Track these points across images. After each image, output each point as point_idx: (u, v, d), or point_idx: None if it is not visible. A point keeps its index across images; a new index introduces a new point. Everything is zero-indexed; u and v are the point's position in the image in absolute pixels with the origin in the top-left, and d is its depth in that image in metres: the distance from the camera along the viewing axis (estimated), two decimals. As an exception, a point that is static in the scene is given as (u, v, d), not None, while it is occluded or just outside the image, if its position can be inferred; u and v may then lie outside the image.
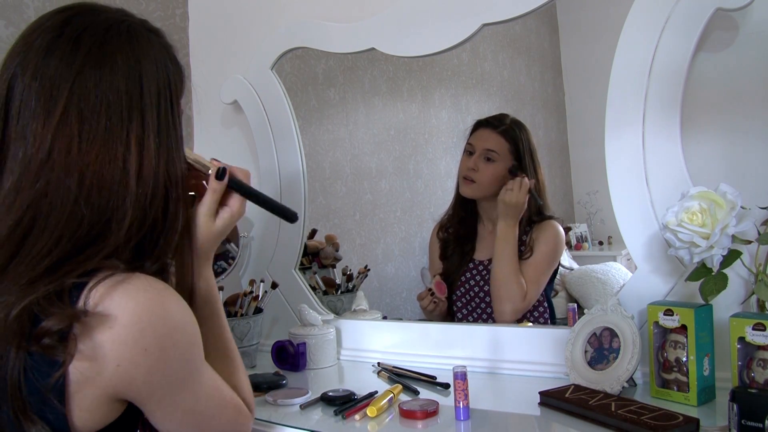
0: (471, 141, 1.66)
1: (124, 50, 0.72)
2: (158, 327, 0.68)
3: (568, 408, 1.03)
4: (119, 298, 0.66)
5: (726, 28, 1.13)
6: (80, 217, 0.68)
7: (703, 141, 1.16)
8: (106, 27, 0.72)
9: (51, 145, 0.67)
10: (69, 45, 0.70)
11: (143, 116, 0.72)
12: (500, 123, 1.65)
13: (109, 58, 0.71)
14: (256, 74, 1.65)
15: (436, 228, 1.76)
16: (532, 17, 1.30)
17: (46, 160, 0.67)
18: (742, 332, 0.97)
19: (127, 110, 0.70)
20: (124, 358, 0.66)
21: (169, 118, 0.75)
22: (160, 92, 0.74)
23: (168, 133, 0.75)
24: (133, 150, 0.70)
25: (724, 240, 1.00)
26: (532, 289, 1.55)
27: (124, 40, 0.73)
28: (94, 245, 0.69)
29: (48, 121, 0.67)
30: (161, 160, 0.73)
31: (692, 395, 1.03)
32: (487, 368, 1.31)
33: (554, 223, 1.62)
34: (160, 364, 0.68)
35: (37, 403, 0.65)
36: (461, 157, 1.68)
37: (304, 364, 1.42)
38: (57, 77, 0.68)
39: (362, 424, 1.06)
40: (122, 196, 0.70)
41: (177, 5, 1.83)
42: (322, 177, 1.85)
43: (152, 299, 0.68)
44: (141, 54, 0.73)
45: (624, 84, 1.17)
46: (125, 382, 0.67)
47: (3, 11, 1.44)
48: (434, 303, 1.60)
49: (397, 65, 2.03)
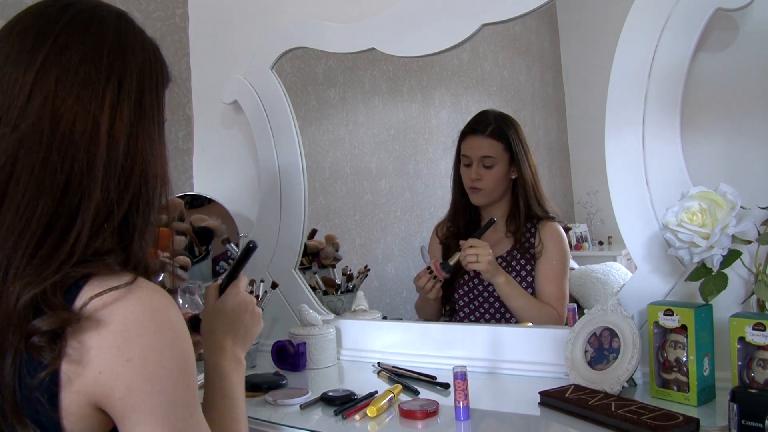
0: (465, 152, 1.65)
1: (111, 26, 0.74)
2: (145, 338, 0.65)
3: (568, 408, 1.03)
4: (116, 306, 0.66)
5: (726, 28, 1.13)
6: (54, 167, 0.68)
7: (703, 141, 1.16)
8: (97, 3, 0.76)
9: (30, 91, 0.68)
10: (59, 9, 0.73)
11: (121, 81, 0.72)
12: (486, 126, 1.63)
13: (96, 25, 0.73)
14: (256, 74, 1.65)
15: (437, 228, 1.76)
16: (532, 17, 1.31)
17: (24, 106, 0.68)
18: (742, 332, 0.97)
19: (106, 71, 0.71)
20: (107, 365, 0.64)
21: (152, 96, 0.76)
22: (144, 70, 0.75)
23: (149, 109, 0.75)
24: (106, 109, 0.71)
25: (724, 240, 1.00)
26: (558, 304, 1.55)
27: (113, 19, 0.75)
28: (74, 216, 0.69)
29: (29, 69, 0.69)
30: (139, 132, 0.73)
31: (692, 395, 1.03)
32: (487, 368, 1.31)
33: (557, 227, 1.62)
34: (141, 381, 0.65)
35: (30, 405, 0.65)
36: (460, 168, 1.66)
37: (304, 364, 1.42)
38: (43, 31, 0.71)
39: (362, 424, 1.06)
40: (93, 154, 0.70)
41: (177, 5, 1.83)
42: (322, 177, 1.85)
43: (146, 309, 0.67)
44: (128, 33, 0.75)
45: (624, 84, 1.17)
46: (104, 391, 0.65)
47: (3, 11, 1.44)
48: (432, 281, 1.57)
49: (397, 65, 2.03)
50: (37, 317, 0.64)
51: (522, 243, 1.61)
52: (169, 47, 1.77)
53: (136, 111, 0.74)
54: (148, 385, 0.66)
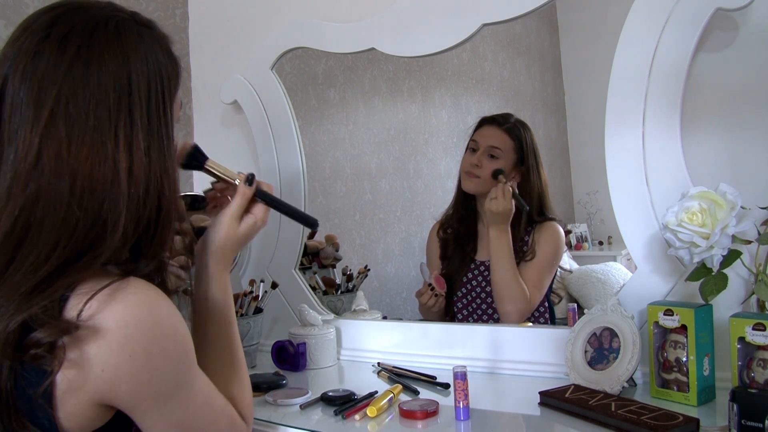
0: (475, 138, 1.66)
1: (111, 48, 0.71)
2: (145, 333, 0.67)
3: (568, 408, 1.03)
4: (111, 308, 0.66)
5: (726, 28, 1.13)
6: (74, 221, 0.67)
7: (703, 141, 1.16)
8: (94, 25, 0.71)
9: (39, 149, 0.66)
10: (56, 46, 0.69)
11: (131, 113, 0.70)
12: (505, 121, 1.65)
13: (97, 57, 0.70)
14: (256, 74, 1.65)
15: (436, 227, 1.76)
16: (532, 17, 1.30)
17: (35, 164, 0.66)
18: (742, 332, 0.97)
19: (115, 108, 0.69)
20: (109, 363, 0.65)
21: (160, 113, 0.74)
22: (150, 88, 0.73)
23: (159, 129, 0.73)
24: (122, 148, 0.69)
25: (724, 240, 1.00)
26: (534, 292, 1.55)
27: (112, 37, 0.72)
28: (91, 250, 0.68)
29: (36, 125, 0.67)
30: (153, 157, 0.72)
31: (692, 395, 1.03)
32: (487, 368, 1.31)
33: (555, 225, 1.62)
34: (146, 372, 0.67)
35: (27, 409, 0.65)
36: (464, 154, 1.68)
37: (304, 364, 1.42)
38: (45, 79, 0.68)
39: (362, 424, 1.06)
40: (115, 196, 0.69)
41: (177, 5, 1.84)
42: (322, 177, 1.85)
43: (141, 305, 0.67)
44: (130, 50, 0.72)
45: (624, 84, 1.17)
46: (109, 388, 0.66)
47: (3, 11, 1.44)
48: (435, 298, 1.60)
49: (397, 65, 2.03)
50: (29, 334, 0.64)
51: (518, 245, 1.61)
52: (169, 47, 1.77)
53: (150, 133, 0.72)
54: (154, 375, 0.68)
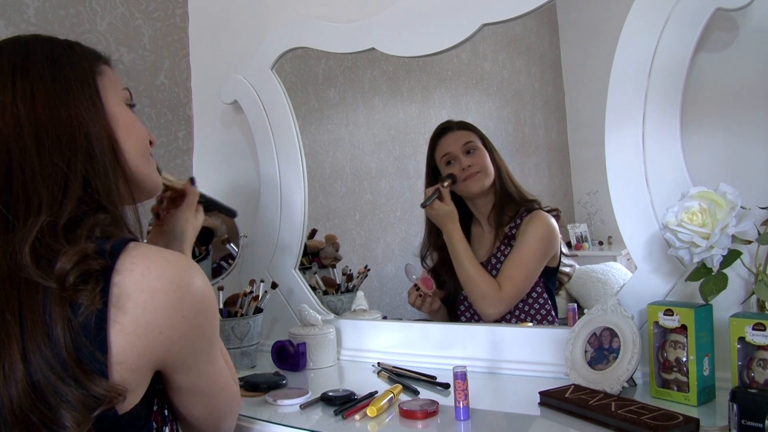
0: (444, 151, 1.66)
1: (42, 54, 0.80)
2: (193, 295, 0.75)
3: (568, 408, 1.03)
4: (155, 268, 0.72)
5: (726, 28, 1.13)
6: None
7: (703, 141, 1.16)
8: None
9: None
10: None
11: (27, 72, 0.77)
12: (451, 124, 1.70)
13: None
14: (256, 74, 1.65)
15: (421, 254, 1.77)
16: (532, 17, 1.30)
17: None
18: (742, 332, 0.97)
19: (10, 70, 0.77)
20: (166, 324, 0.73)
21: (78, 75, 0.80)
22: (56, 59, 0.80)
23: (74, 86, 0.79)
24: (19, 97, 0.75)
25: (724, 240, 1.00)
26: (507, 284, 1.51)
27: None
28: (25, 187, 0.74)
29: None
30: (70, 104, 0.77)
31: (692, 395, 1.03)
32: (487, 368, 1.31)
33: (541, 213, 1.59)
34: (195, 331, 0.77)
35: (89, 360, 0.69)
36: (441, 177, 1.64)
37: (304, 364, 1.42)
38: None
39: (362, 424, 1.06)
40: (20, 134, 0.74)
41: (177, 5, 1.83)
42: (322, 177, 1.85)
43: (184, 271, 0.75)
44: (35, 45, 0.81)
45: (624, 84, 1.17)
46: (166, 347, 0.74)
47: (3, 11, 1.44)
48: (420, 298, 1.60)
49: (397, 65, 2.03)
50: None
51: (507, 237, 1.61)
52: (169, 47, 1.77)
53: (59, 87, 0.78)
54: (199, 333, 0.78)
